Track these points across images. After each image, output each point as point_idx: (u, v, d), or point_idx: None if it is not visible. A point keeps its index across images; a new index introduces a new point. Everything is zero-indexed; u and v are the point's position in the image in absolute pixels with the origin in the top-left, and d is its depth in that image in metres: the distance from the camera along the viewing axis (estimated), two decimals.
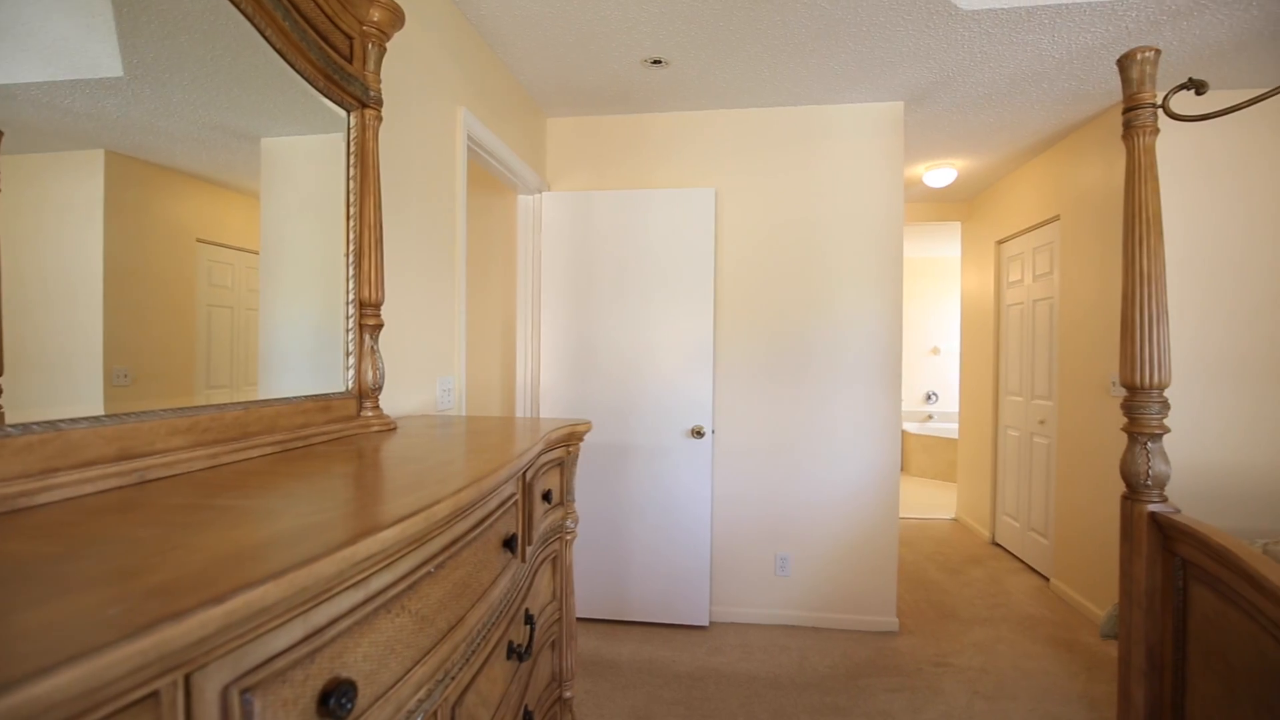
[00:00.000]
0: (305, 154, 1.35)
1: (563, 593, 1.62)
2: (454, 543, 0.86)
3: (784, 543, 3.07)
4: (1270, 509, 2.82)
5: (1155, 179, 1.78)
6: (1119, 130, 1.90)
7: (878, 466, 3.01)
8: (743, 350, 3.08)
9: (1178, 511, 1.81)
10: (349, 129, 1.41)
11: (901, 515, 5.12)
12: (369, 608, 0.64)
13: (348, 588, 0.60)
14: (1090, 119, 3.14)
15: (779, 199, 3.06)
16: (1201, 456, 2.83)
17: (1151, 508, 1.83)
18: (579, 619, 3.08)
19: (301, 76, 1.23)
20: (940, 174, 3.93)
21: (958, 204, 4.90)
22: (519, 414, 3.13)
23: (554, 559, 1.56)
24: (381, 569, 0.66)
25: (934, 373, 7.59)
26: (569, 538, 1.61)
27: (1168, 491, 2.83)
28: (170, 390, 1.00)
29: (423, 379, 1.95)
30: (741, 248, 3.09)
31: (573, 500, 1.62)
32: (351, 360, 1.42)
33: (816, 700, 2.42)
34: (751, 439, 3.08)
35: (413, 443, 1.25)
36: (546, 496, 1.41)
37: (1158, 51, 1.79)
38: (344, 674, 0.60)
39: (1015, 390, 4.11)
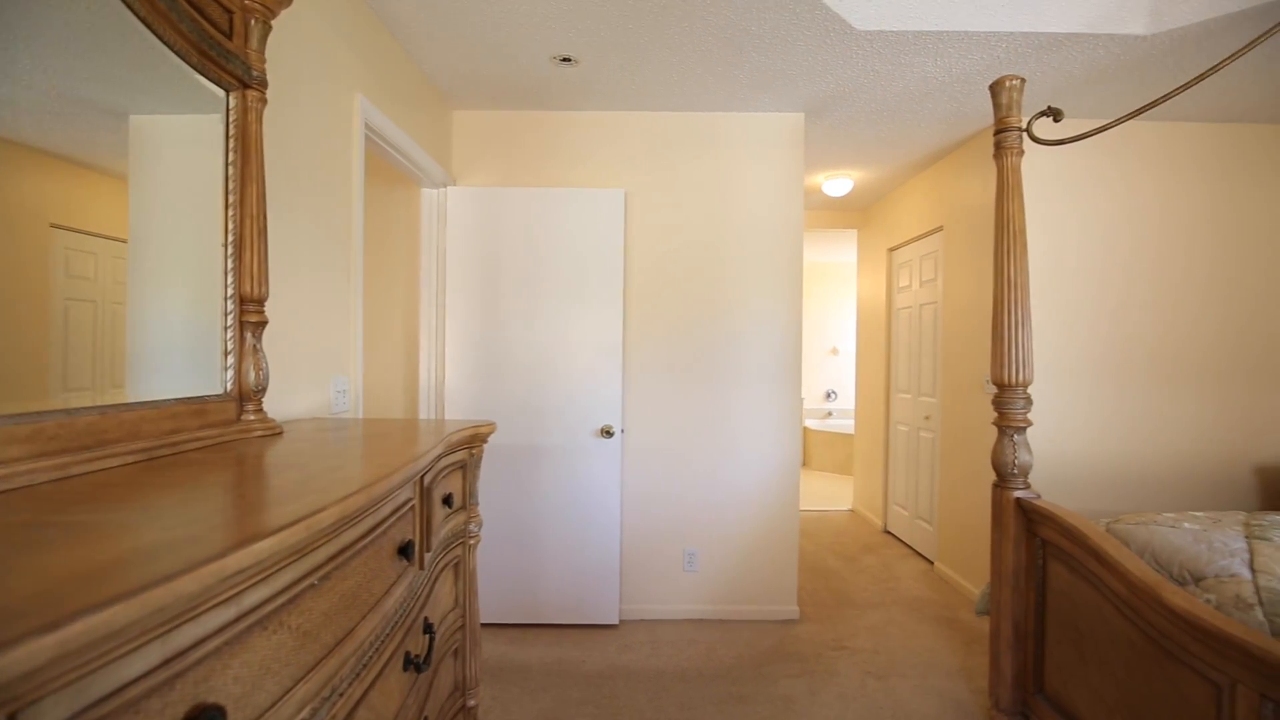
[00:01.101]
0: (180, 134, 1.24)
1: (466, 599, 1.58)
2: (341, 552, 0.81)
3: (692, 539, 3.13)
4: (1114, 492, 3.18)
5: (1021, 195, 1.95)
6: (992, 150, 2.07)
7: (780, 462, 3.14)
8: (652, 350, 3.12)
9: (1039, 497, 2.00)
10: (228, 110, 1.30)
11: (803, 508, 5.37)
12: (241, 625, 0.60)
13: (216, 605, 0.56)
14: (969, 138, 3.41)
15: (687, 202, 3.12)
16: (1060, 447, 3.15)
17: (1017, 494, 2.01)
18: (487, 625, 3.01)
19: (171, 49, 1.13)
20: (838, 183, 4.14)
21: (854, 212, 5.18)
22: (423, 416, 3.02)
23: (456, 565, 1.52)
24: (257, 583, 0.62)
25: (833, 372, 8.01)
26: (472, 542, 1.57)
27: (1031, 479, 3.13)
28: (13, 394, 0.89)
29: (314, 380, 1.84)
30: (651, 249, 3.12)
31: (476, 504, 1.58)
32: (231, 360, 1.31)
33: (723, 690, 2.48)
34: (660, 438, 3.12)
35: (300, 448, 1.18)
36: (447, 501, 1.37)
37: (1023, 80, 1.98)
38: (211, 699, 0.55)
39: (904, 388, 4.40)
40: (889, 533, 4.63)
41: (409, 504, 1.11)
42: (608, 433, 2.97)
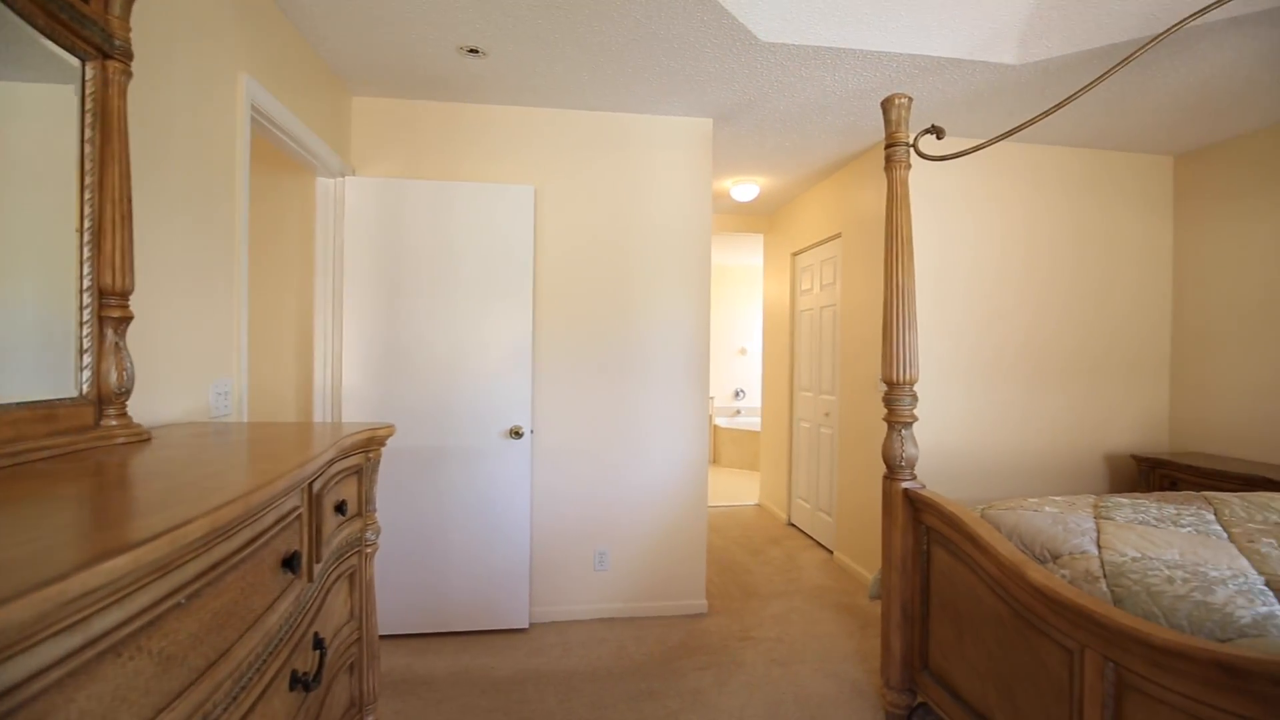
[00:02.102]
0: (28, 106, 1.10)
1: (363, 610, 1.51)
2: (214, 567, 0.75)
3: (603, 538, 3.14)
4: (991, 480, 3.48)
5: (908, 206, 2.09)
6: (883, 163, 2.20)
7: (689, 460, 3.20)
8: (562, 350, 3.10)
9: (924, 487, 2.15)
10: (84, 81, 1.17)
11: (712, 504, 5.51)
12: (89, 654, 0.54)
13: (58, 633, 0.50)
14: (864, 151, 3.62)
15: (598, 201, 3.13)
16: (945, 440, 3.41)
17: (905, 485, 2.15)
18: (389, 636, 2.88)
19: (9, 7, 1.00)
20: (745, 189, 4.28)
21: (761, 217, 5.37)
22: (318, 419, 2.85)
23: (352, 575, 1.44)
24: (109, 606, 0.56)
25: (742, 371, 8.27)
26: (369, 550, 1.50)
27: (920, 470, 3.35)
28: None
29: (192, 382, 1.69)
30: (561, 247, 3.10)
31: (374, 510, 1.51)
32: (88, 359, 1.18)
33: (633, 687, 2.50)
34: (571, 438, 3.11)
35: (170, 455, 1.08)
36: (340, 508, 1.30)
37: (910, 99, 2.12)
38: None
39: (807, 386, 4.61)
40: (793, 525, 4.83)
41: (295, 513, 1.04)
42: (517, 433, 2.92)
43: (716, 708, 2.36)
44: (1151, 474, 3.31)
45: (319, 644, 1.16)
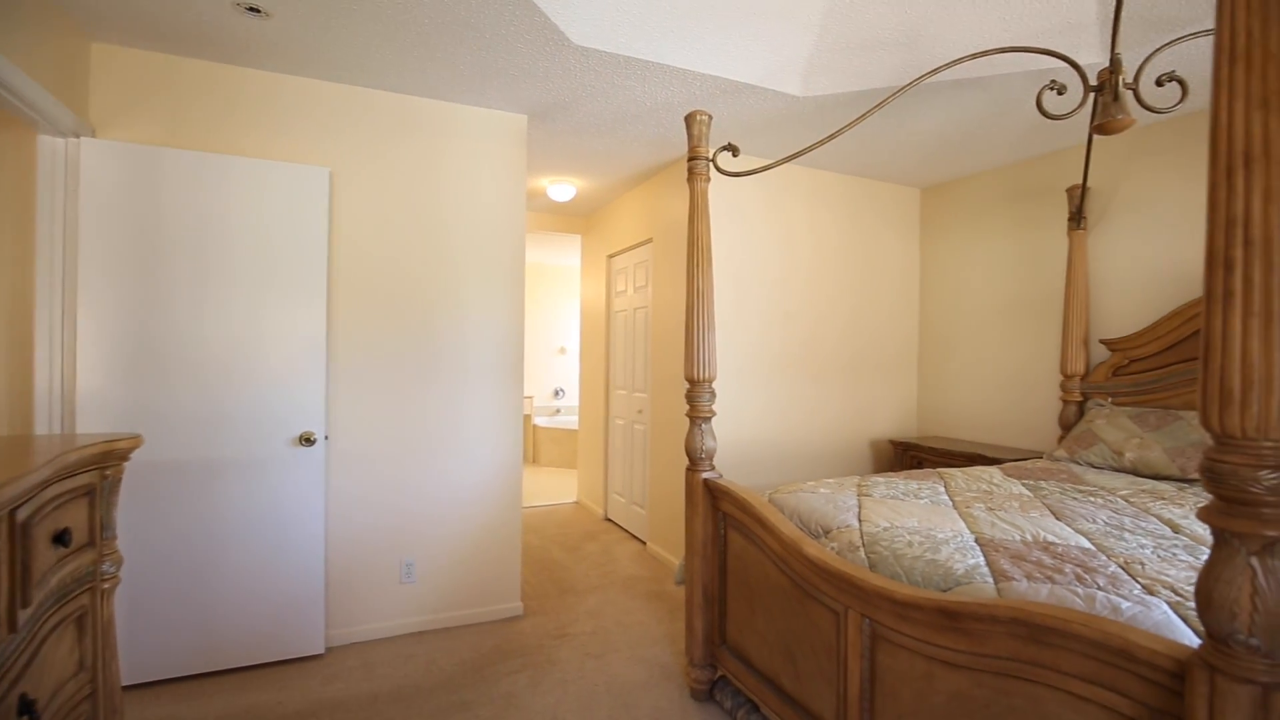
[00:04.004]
0: None
1: (98, 659, 1.26)
2: None
3: (410, 548, 2.96)
4: (781, 466, 3.87)
5: (708, 217, 2.25)
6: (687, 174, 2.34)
7: (502, 460, 3.14)
8: (364, 348, 2.87)
9: (721, 477, 2.33)
10: None
11: (530, 504, 5.47)
12: None
13: None
14: (672, 162, 3.83)
15: (406, 190, 2.94)
16: (745, 432, 3.72)
17: (705, 475, 2.31)
18: (147, 684, 2.45)
19: None
20: (562, 189, 4.31)
21: (579, 218, 5.44)
22: (42, 431, 2.34)
23: (81, 618, 1.20)
24: None
25: (561, 370, 8.32)
26: (107, 586, 1.26)
27: (723, 461, 3.62)
28: None
29: None
30: (364, 237, 2.87)
31: (113, 537, 1.27)
32: None
33: (443, 700, 2.40)
34: (373, 442, 2.89)
35: None
36: (61, 538, 1.07)
37: (710, 116, 2.28)
38: None
39: (621, 385, 4.76)
40: (610, 520, 4.96)
41: None
42: (308, 440, 2.65)
43: (530, 709, 2.34)
44: (904, 455, 3.91)
45: (27, 708, 0.94)
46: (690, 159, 2.26)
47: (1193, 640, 1.14)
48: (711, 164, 2.28)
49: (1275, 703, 0.88)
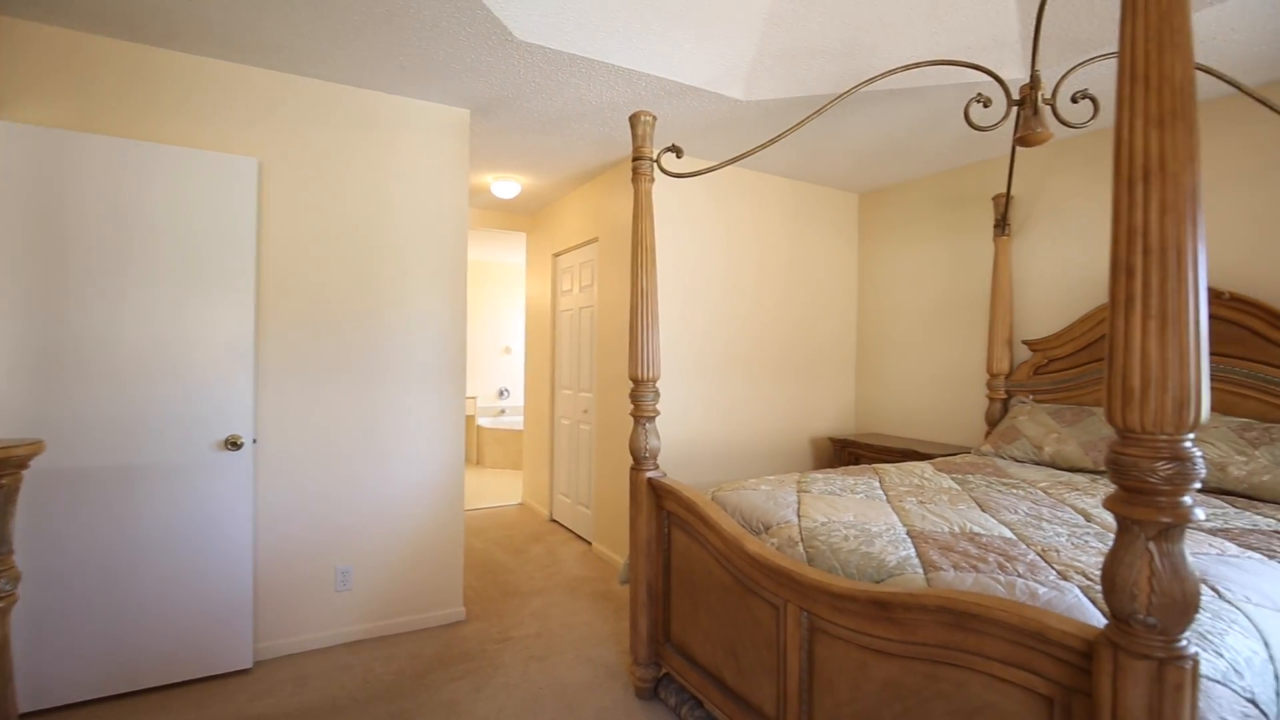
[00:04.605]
0: None
1: None
2: None
3: (346, 554, 2.86)
4: (725, 464, 3.93)
5: (652, 217, 2.26)
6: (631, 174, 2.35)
7: (443, 462, 3.07)
8: (297, 347, 2.76)
9: (665, 476, 2.35)
10: None
11: (475, 506, 5.37)
12: None
13: None
14: (618, 162, 3.83)
15: (342, 184, 2.84)
16: (690, 431, 3.76)
17: (649, 475, 2.32)
18: (54, 709, 2.28)
19: None
20: (506, 186, 4.25)
21: (524, 216, 5.38)
22: None
23: None
24: None
25: (506, 370, 8.20)
26: (2, 604, 1.17)
27: (665, 461, 3.65)
28: None
29: None
30: (296, 231, 2.75)
31: (10, 552, 1.18)
32: None
33: (380, 711, 2.33)
34: (306, 445, 2.78)
35: None
36: None
37: (655, 117, 2.29)
38: None
39: (567, 385, 4.74)
40: (555, 521, 4.92)
41: None
42: (235, 444, 2.52)
43: (472, 715, 2.30)
44: (842, 452, 4.03)
45: None
46: (635, 159, 2.26)
47: (1100, 621, 1.21)
48: (656, 165, 2.29)
49: (1168, 675, 0.95)
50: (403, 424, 2.97)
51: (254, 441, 2.61)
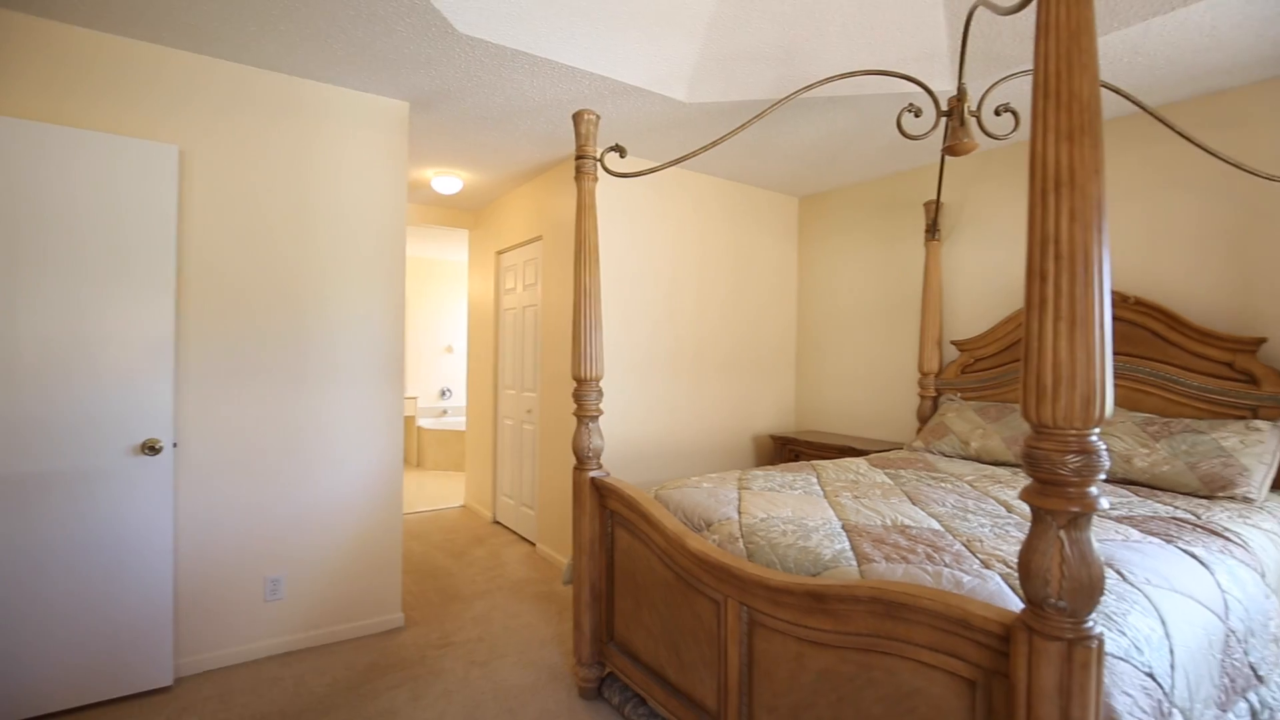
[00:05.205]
0: None
1: None
2: None
3: (277, 562, 2.74)
4: (670, 462, 3.96)
5: (594, 215, 2.25)
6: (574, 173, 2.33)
7: (381, 465, 2.98)
8: (223, 345, 2.62)
9: (608, 475, 2.34)
10: None
11: (416, 509, 5.23)
12: None
13: None
14: (563, 159, 3.80)
15: (274, 176, 2.72)
16: (635, 430, 3.77)
17: (592, 474, 2.32)
18: None
19: None
20: (448, 181, 4.15)
21: (467, 212, 5.28)
22: None
23: None
24: None
25: (448, 370, 8.02)
26: None
27: (610, 460, 3.65)
28: None
29: None
30: (223, 224, 2.62)
31: None
32: None
33: None
34: (234, 448, 2.64)
35: None
36: None
37: (598, 116, 2.28)
38: None
39: (511, 384, 4.67)
40: (498, 523, 4.85)
41: None
42: (153, 448, 2.37)
43: None
44: (783, 449, 4.13)
45: None
46: (578, 158, 2.25)
47: (1019, 607, 1.29)
48: (599, 164, 2.29)
49: (1076, 655, 1.01)
50: (338, 425, 2.86)
51: (174, 445, 2.47)
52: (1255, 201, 2.59)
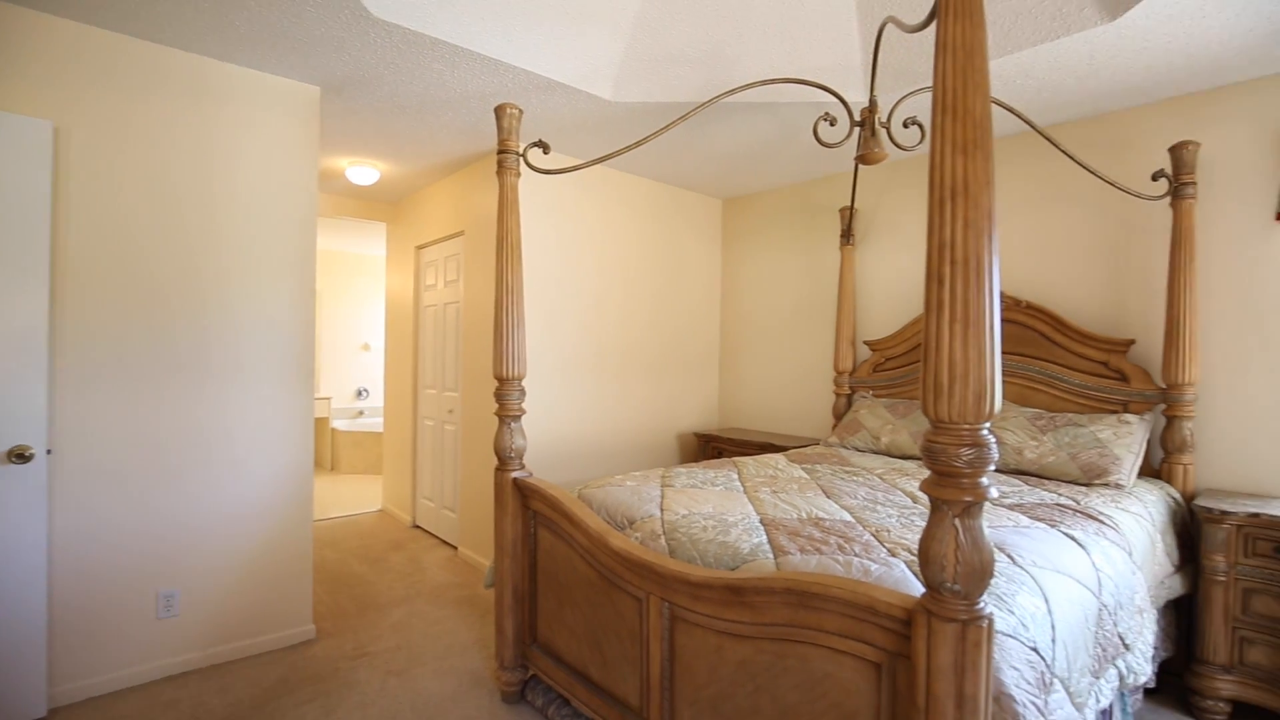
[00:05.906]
0: None
1: None
2: None
3: (170, 576, 2.54)
4: (595, 461, 3.95)
5: (517, 212, 2.21)
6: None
7: (290, 468, 2.82)
8: (107, 342, 2.40)
9: (531, 475, 2.31)
10: None
11: (329, 515, 4.99)
12: None
13: None
14: (486, 153, 3.72)
15: (167, 161, 2.51)
16: (559, 430, 3.74)
17: (514, 475, 2.28)
18: None
19: None
20: (363, 171, 3.98)
21: (385, 205, 5.07)
22: None
23: None
24: None
25: (365, 369, 7.69)
26: None
27: (536, 460, 3.61)
28: None
29: None
30: (110, 211, 2.40)
31: None
32: None
33: None
34: (119, 455, 2.43)
35: None
36: None
37: (521, 110, 2.24)
38: None
39: (431, 384, 4.53)
40: (418, 527, 4.70)
41: None
42: (21, 455, 2.15)
43: None
44: (707, 446, 4.20)
45: None
46: (500, 152, 2.21)
47: (921, 592, 1.36)
48: (522, 159, 2.25)
49: (969, 634, 1.09)
50: (240, 428, 2.69)
51: (48, 452, 2.24)
52: (1129, 216, 2.86)
